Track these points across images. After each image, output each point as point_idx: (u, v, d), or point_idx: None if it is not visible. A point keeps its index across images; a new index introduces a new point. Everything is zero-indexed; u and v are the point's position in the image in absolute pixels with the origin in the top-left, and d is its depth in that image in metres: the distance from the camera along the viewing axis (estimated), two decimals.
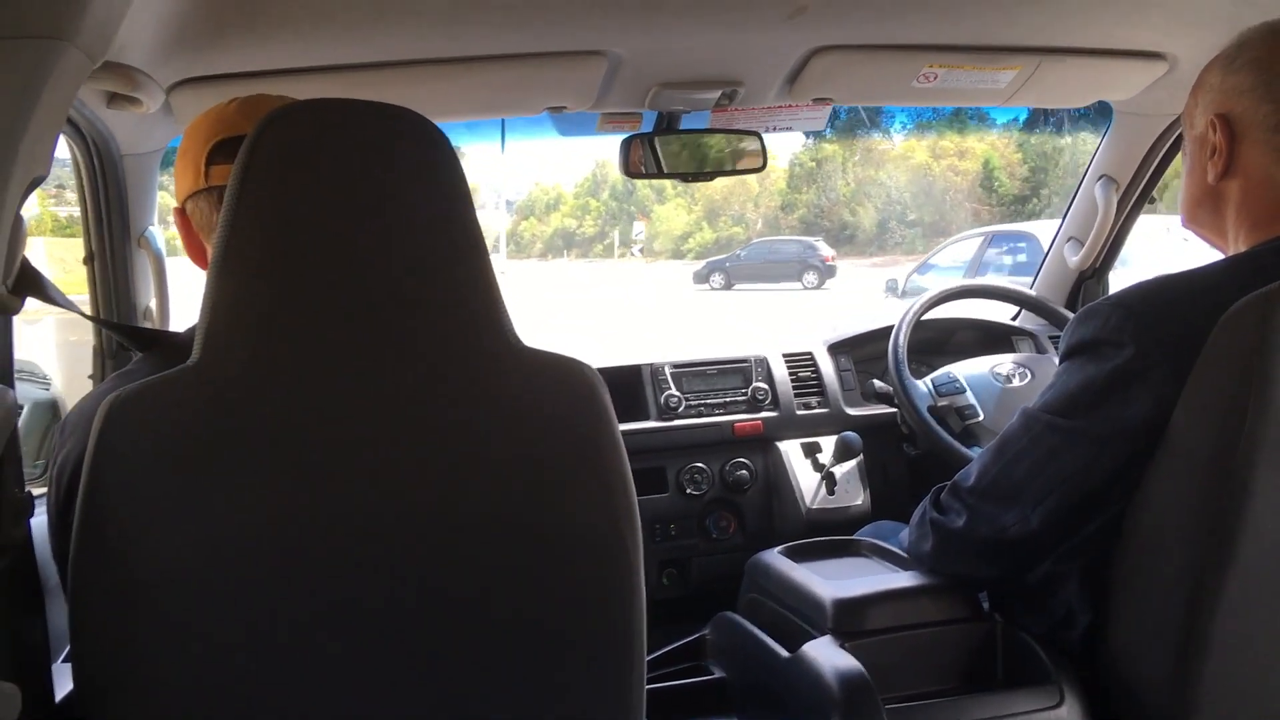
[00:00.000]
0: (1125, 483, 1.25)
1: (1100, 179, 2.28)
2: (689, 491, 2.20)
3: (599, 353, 2.35)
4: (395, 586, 0.97)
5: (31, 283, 0.98)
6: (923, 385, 2.15)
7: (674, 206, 31.17)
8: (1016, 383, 2.13)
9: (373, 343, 0.96)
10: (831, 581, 1.47)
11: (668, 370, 2.27)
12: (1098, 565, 1.30)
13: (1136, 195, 2.29)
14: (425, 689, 0.99)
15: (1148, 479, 1.23)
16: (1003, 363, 2.18)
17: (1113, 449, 1.25)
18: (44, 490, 1.16)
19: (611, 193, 32.18)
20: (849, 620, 1.39)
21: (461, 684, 1.00)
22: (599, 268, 29.27)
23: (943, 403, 2.11)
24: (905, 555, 1.54)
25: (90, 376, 1.94)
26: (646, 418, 2.22)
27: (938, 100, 2.05)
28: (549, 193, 35.46)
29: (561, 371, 1.03)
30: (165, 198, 1.89)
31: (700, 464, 2.21)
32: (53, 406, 1.98)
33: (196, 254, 1.22)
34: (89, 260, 1.84)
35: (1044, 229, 9.25)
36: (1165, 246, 7.59)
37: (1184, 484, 1.20)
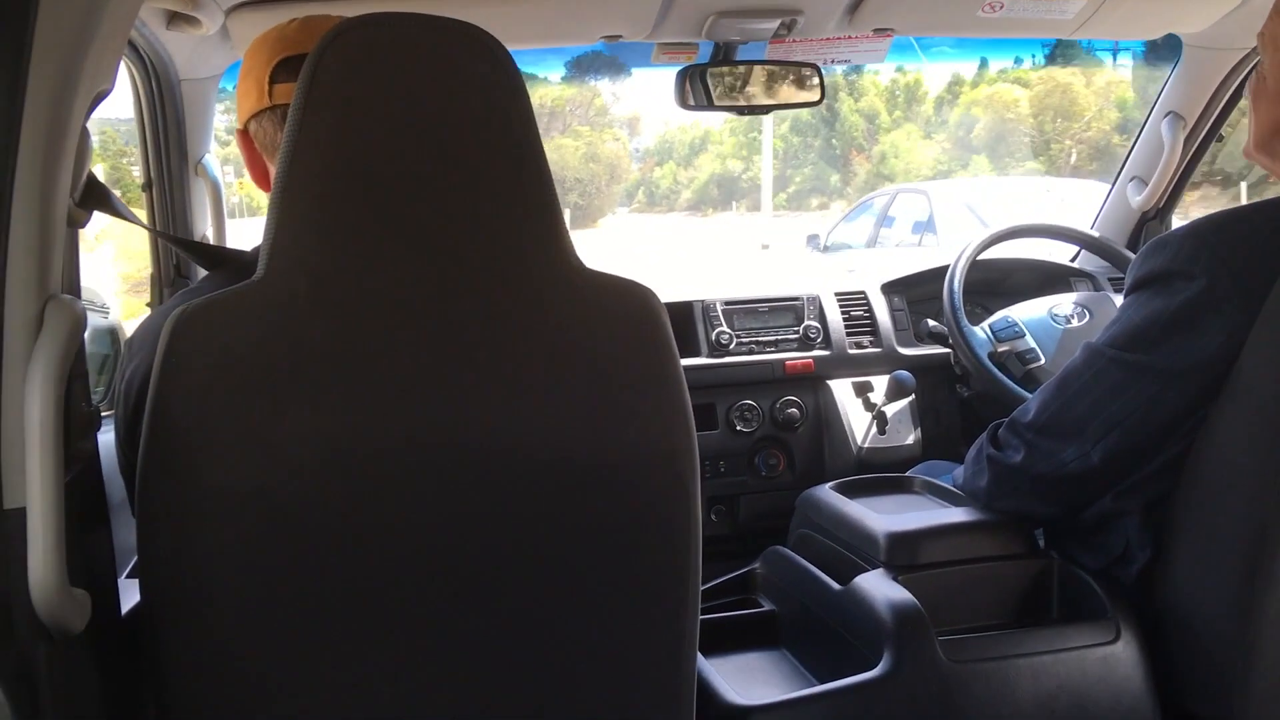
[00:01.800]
0: (1190, 420, 1.23)
1: (1167, 116, 2.22)
2: (739, 429, 2.19)
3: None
4: (456, 508, 0.97)
5: (98, 197, 0.99)
6: (980, 331, 2.12)
7: (907, 135, 21.88)
8: (1076, 323, 2.09)
9: (434, 262, 0.96)
10: (885, 516, 1.46)
11: (719, 307, 2.25)
12: (1158, 503, 1.29)
13: (1204, 133, 2.23)
14: (484, 613, 1.00)
15: (1214, 417, 1.21)
16: (1061, 303, 2.14)
17: (1180, 384, 1.22)
18: (109, 412, 1.18)
19: (794, 126, 22.61)
20: (903, 554, 1.39)
21: (521, 606, 1.01)
22: (800, 223, 18.51)
23: (1003, 348, 2.08)
24: (959, 492, 1.53)
25: (148, 304, 1.96)
26: (697, 354, 2.21)
27: (1002, 31, 2.00)
28: (688, 132, 25.58)
29: (625, 296, 1.02)
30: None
31: (750, 401, 2.20)
32: (111, 334, 2.01)
33: (259, 175, 1.22)
34: (147, 187, 1.85)
35: (936, 187, 9.54)
36: (1043, 208, 7.67)
37: (1251, 424, 1.18)
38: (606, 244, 18.02)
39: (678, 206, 24.88)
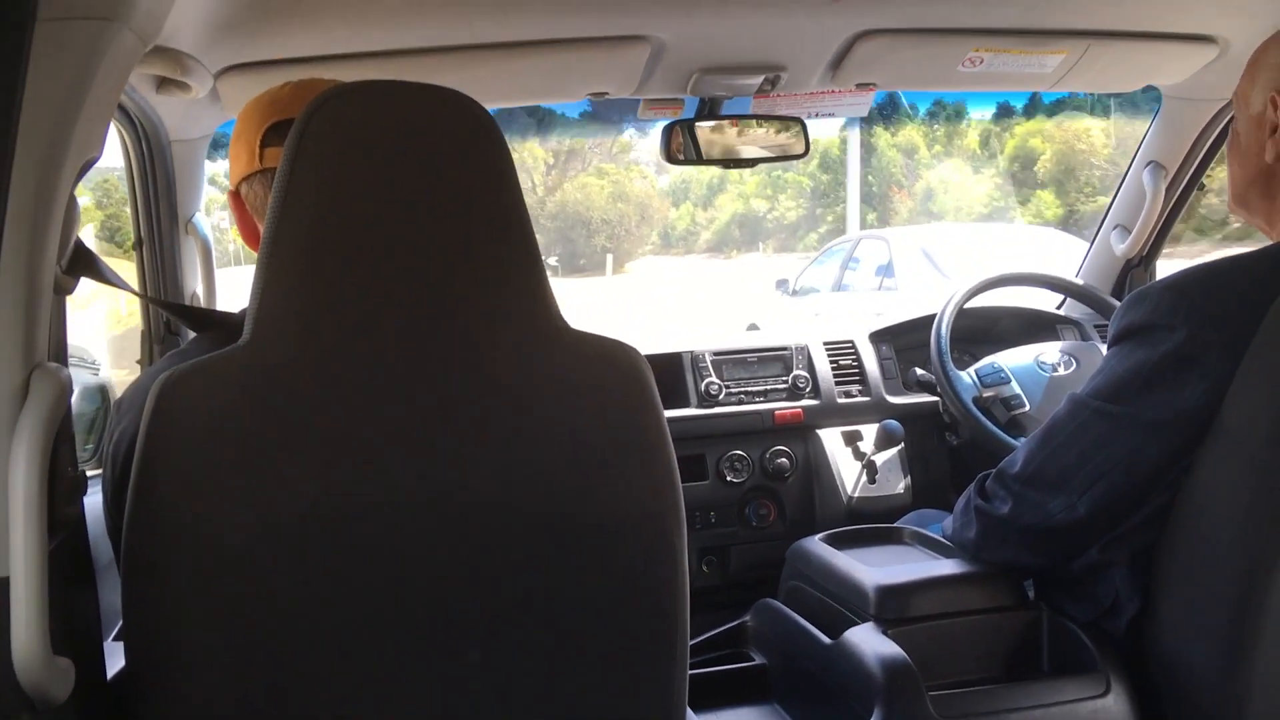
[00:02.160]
0: (1175, 469, 1.24)
1: (1148, 165, 2.24)
2: (729, 479, 2.19)
3: (639, 339, 2.35)
4: (440, 569, 0.97)
5: (86, 263, 0.99)
6: (967, 376, 2.13)
7: (956, 169, 20.05)
8: (1062, 371, 2.11)
9: (420, 325, 0.97)
10: (875, 568, 1.46)
11: (708, 357, 2.26)
12: (1145, 553, 1.29)
13: (1185, 182, 2.26)
14: (469, 671, 0.99)
15: (1198, 466, 1.21)
16: (1047, 351, 2.16)
17: (1162, 435, 1.23)
18: (97, 471, 1.17)
19: (823, 163, 20.94)
20: (892, 607, 1.39)
21: (505, 666, 1.00)
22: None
23: (988, 394, 2.09)
24: (948, 543, 1.53)
25: (138, 361, 1.96)
26: (687, 405, 2.22)
27: (983, 85, 2.03)
28: (705, 172, 21.41)
29: (609, 355, 1.03)
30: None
31: (740, 451, 2.21)
32: (101, 391, 2.01)
33: (250, 237, 1.23)
34: (137, 246, 1.86)
35: (895, 234, 9.85)
36: (996, 254, 7.85)
37: (1236, 472, 1.18)
38: (636, 288, 17.18)
39: (696, 248, 24.13)
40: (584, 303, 13.96)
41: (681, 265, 21.96)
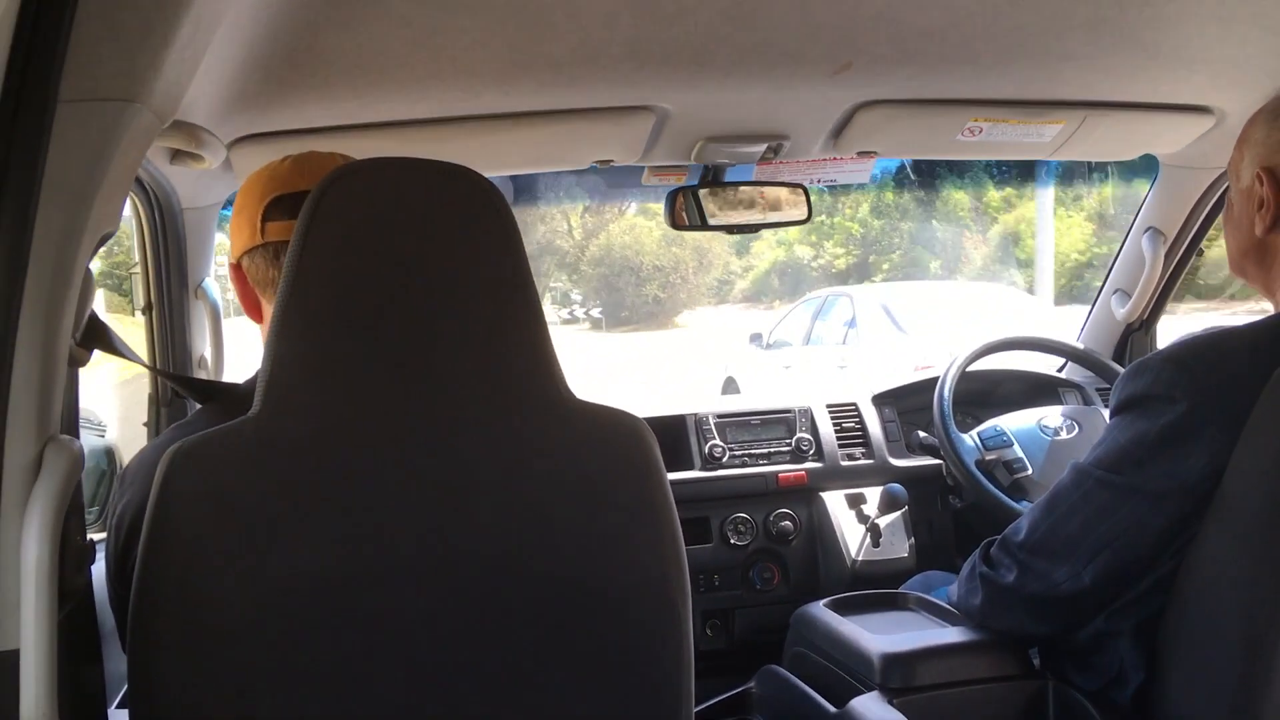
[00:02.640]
0: (1179, 539, 1.24)
1: (1147, 231, 2.27)
2: (733, 542, 2.19)
3: (642, 403, 2.35)
4: (447, 638, 0.98)
5: (99, 335, 1.01)
6: (969, 439, 2.14)
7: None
8: (1065, 436, 2.11)
9: (430, 398, 0.98)
10: (879, 636, 1.46)
11: (711, 420, 2.27)
12: (1150, 623, 1.29)
13: (1185, 247, 2.28)
14: None
15: (1202, 536, 1.21)
16: (1049, 415, 2.16)
17: (1166, 505, 1.23)
18: (103, 536, 1.18)
19: (876, 208, 19.43)
20: (898, 676, 1.38)
21: None
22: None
23: (990, 456, 2.09)
24: (953, 609, 1.52)
25: (145, 424, 1.97)
26: (690, 467, 2.22)
27: (981, 153, 2.06)
28: None
29: (614, 425, 1.04)
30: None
31: (744, 514, 2.20)
32: (108, 453, 2.01)
33: (252, 309, 1.25)
34: (147, 310, 1.88)
35: (858, 291, 10.19)
36: (950, 308, 8.00)
37: (1239, 541, 1.18)
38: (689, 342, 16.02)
39: (731, 298, 22.25)
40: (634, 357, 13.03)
41: (718, 315, 20.03)
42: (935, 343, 7.43)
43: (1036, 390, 2.41)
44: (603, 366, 12.84)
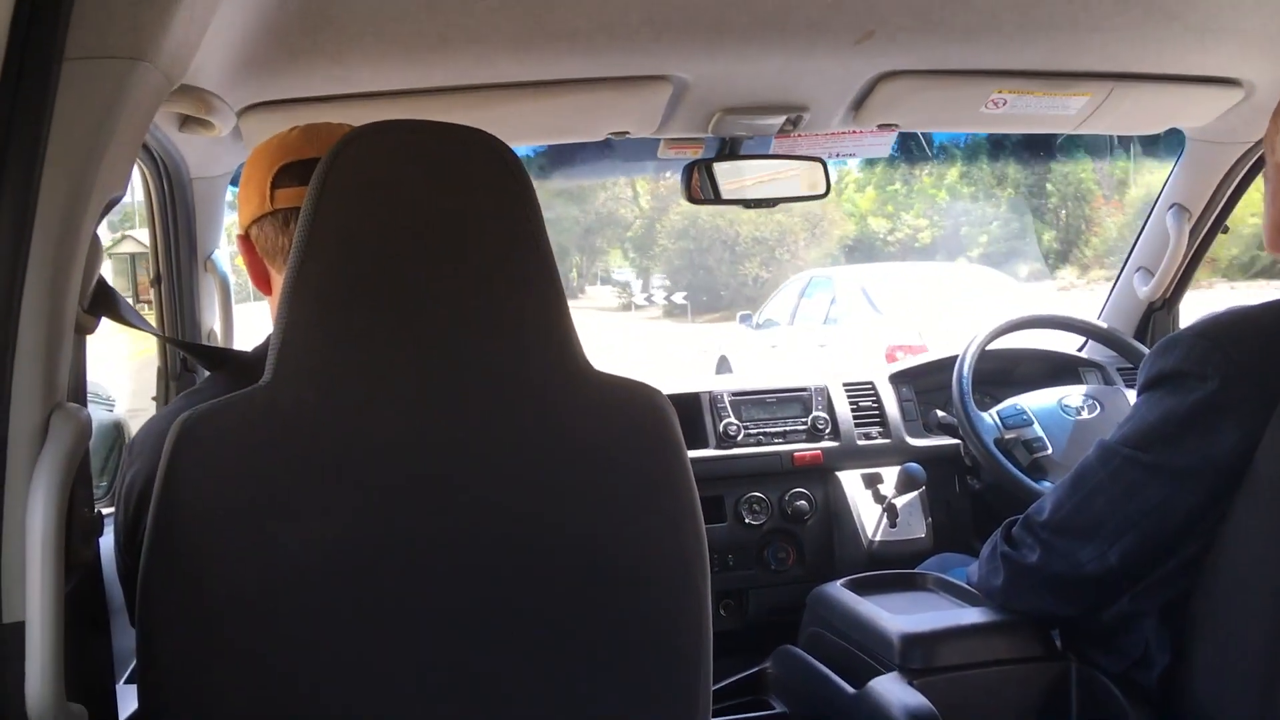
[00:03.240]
0: (1208, 519, 1.22)
1: (1171, 208, 2.23)
2: (748, 521, 2.17)
3: (656, 380, 2.33)
4: (463, 612, 0.96)
5: (107, 302, 0.99)
6: (988, 418, 2.11)
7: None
8: (1086, 415, 2.08)
9: (444, 367, 0.96)
10: (899, 616, 1.44)
11: (726, 398, 2.24)
12: (1177, 604, 1.26)
13: (1209, 225, 2.25)
14: (490, 714, 0.98)
15: (1232, 516, 1.19)
16: (1071, 395, 2.13)
17: (1195, 484, 1.21)
18: (111, 510, 1.16)
19: (965, 174, 16.42)
20: (918, 656, 1.36)
21: (528, 707, 0.99)
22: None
23: (1009, 435, 2.07)
24: (973, 590, 1.50)
25: (154, 398, 1.95)
26: (705, 445, 2.20)
27: (1005, 126, 2.02)
28: None
29: (634, 398, 1.02)
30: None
31: (759, 493, 2.18)
32: (117, 427, 2.00)
33: (260, 279, 1.23)
34: (155, 282, 1.86)
35: (839, 273, 10.40)
36: (933, 290, 8.19)
37: (1271, 522, 1.16)
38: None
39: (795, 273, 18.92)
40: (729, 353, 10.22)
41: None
42: (908, 323, 7.71)
43: (1056, 370, 2.38)
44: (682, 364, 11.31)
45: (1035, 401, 2.13)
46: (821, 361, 7.98)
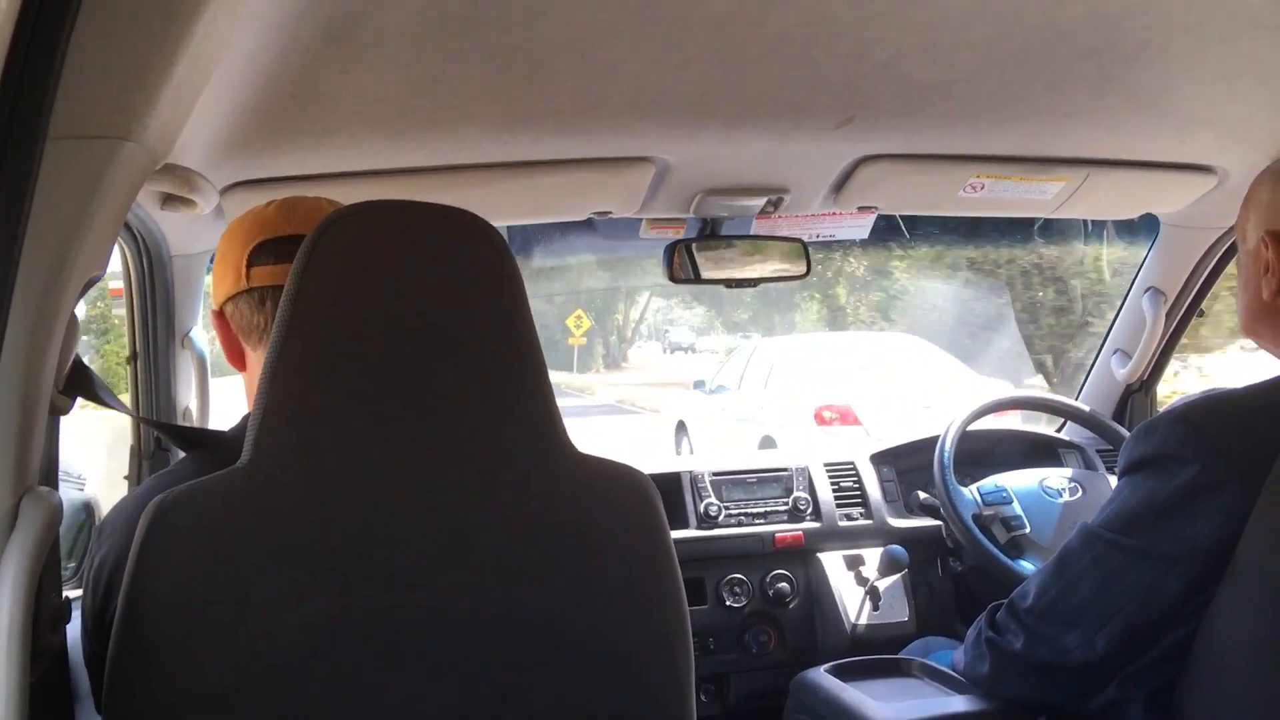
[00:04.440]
0: (1193, 604, 1.20)
1: (1148, 291, 2.26)
2: (728, 604, 2.14)
3: (636, 459, 2.31)
4: (444, 697, 0.93)
5: (82, 382, 0.97)
6: (969, 493, 2.11)
7: None
8: (1068, 497, 2.08)
9: (427, 450, 0.95)
10: (885, 704, 1.41)
11: (707, 478, 2.23)
12: (1164, 691, 1.25)
13: (1185, 308, 2.27)
14: None
15: (1217, 602, 1.18)
16: (1052, 476, 2.13)
17: (1178, 569, 1.20)
18: (79, 594, 1.13)
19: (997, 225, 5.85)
20: None
21: None
22: None
23: (988, 512, 2.06)
24: (959, 677, 1.48)
25: (126, 477, 1.92)
26: (686, 526, 2.17)
27: (984, 210, 2.05)
28: None
29: (618, 481, 1.01)
30: None
31: (740, 575, 2.15)
32: (87, 508, 1.96)
33: (235, 357, 1.21)
34: (131, 359, 1.84)
35: (774, 343, 11.61)
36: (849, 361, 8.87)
37: (1256, 608, 1.15)
38: None
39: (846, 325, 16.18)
40: None
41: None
42: (835, 388, 8.30)
43: (1037, 451, 2.39)
44: None
45: (1016, 481, 2.13)
46: (762, 416, 8.61)
